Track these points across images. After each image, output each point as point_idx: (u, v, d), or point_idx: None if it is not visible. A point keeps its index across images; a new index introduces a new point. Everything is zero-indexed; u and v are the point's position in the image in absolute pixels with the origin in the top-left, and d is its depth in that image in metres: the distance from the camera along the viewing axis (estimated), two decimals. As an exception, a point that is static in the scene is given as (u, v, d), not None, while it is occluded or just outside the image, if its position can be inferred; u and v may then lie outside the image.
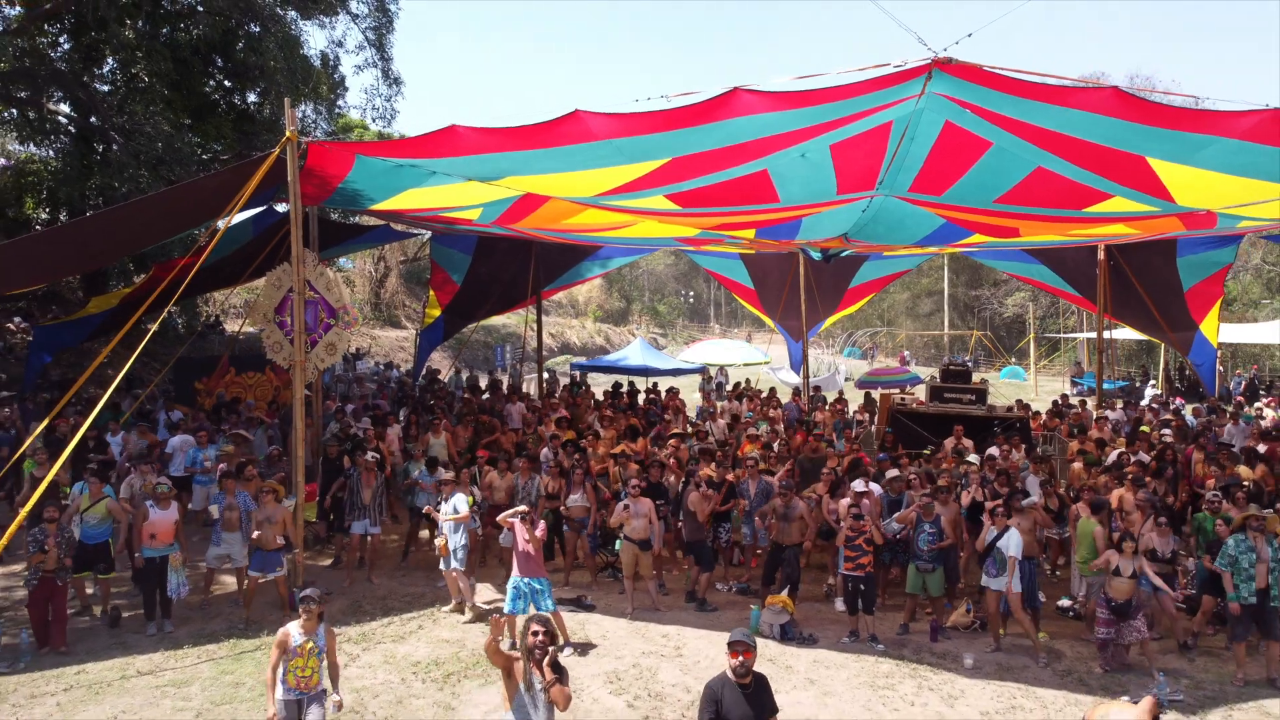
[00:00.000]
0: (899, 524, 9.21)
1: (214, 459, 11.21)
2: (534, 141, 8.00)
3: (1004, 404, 16.79)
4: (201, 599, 9.28)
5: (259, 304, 9.79)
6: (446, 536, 9.08)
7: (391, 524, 11.73)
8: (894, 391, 18.72)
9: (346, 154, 9.48)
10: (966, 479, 10.43)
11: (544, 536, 8.30)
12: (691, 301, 67.16)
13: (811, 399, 17.84)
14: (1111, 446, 12.45)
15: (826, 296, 19.41)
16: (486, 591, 9.79)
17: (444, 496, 9.38)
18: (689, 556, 10.07)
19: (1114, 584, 7.76)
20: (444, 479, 9.63)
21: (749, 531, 10.37)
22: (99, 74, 18.34)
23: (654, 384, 20.80)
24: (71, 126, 18.34)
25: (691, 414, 17.16)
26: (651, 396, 17.55)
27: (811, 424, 14.18)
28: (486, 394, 17.86)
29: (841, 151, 8.28)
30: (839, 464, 11.19)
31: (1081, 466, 11.25)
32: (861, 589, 8.51)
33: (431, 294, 18.22)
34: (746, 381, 19.97)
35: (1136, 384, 27.00)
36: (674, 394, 17.03)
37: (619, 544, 9.39)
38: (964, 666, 7.94)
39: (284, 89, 17.84)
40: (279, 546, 8.79)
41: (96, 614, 8.99)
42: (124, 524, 8.85)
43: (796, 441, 12.74)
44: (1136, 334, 21.26)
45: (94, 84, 17.89)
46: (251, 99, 20.00)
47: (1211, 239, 13.88)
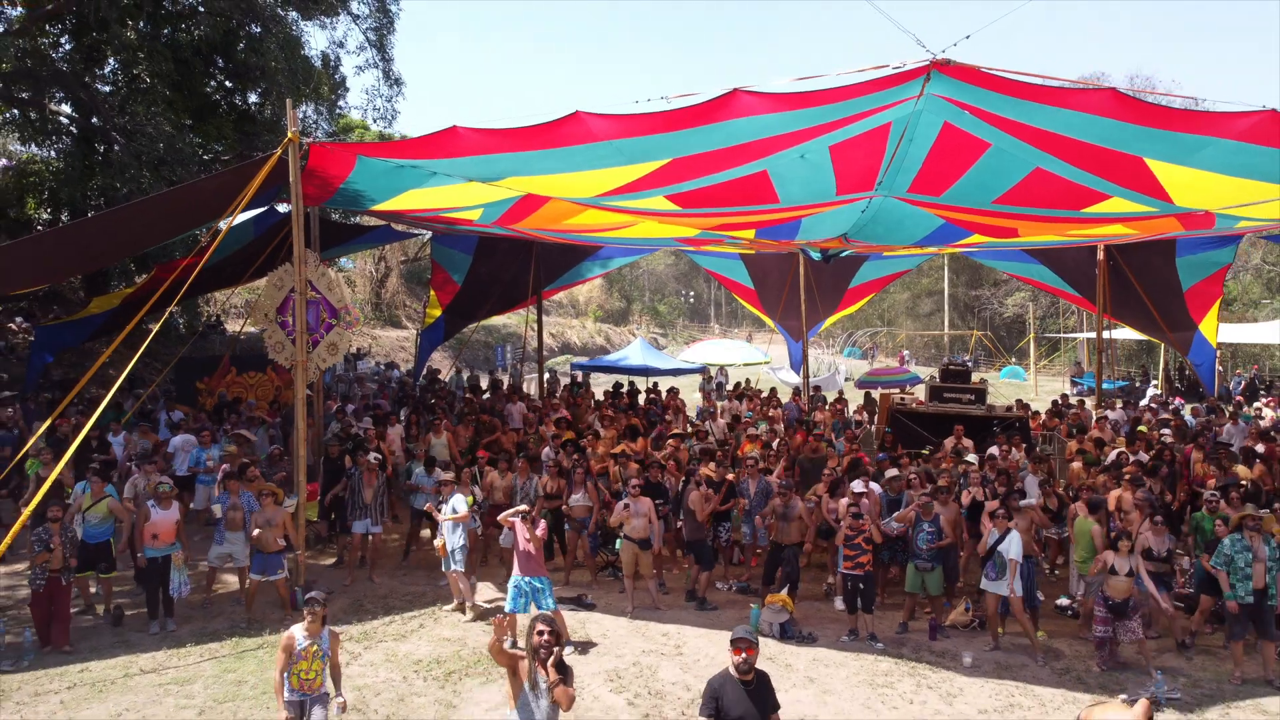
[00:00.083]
0: (898, 523, 9.25)
1: (217, 459, 11.26)
2: (535, 142, 8.02)
3: (1004, 404, 16.82)
4: (203, 598, 9.34)
5: (261, 304, 9.81)
6: (445, 537, 9.14)
7: (392, 524, 11.77)
8: (894, 391, 18.75)
9: (348, 155, 9.51)
10: (965, 478, 10.47)
11: (544, 536, 8.34)
12: (692, 301, 67.18)
13: (811, 399, 17.87)
14: (1111, 446, 12.48)
15: (826, 296, 19.42)
16: (487, 590, 9.83)
17: (443, 497, 9.44)
18: (689, 555, 10.11)
19: (1111, 583, 7.79)
20: (443, 479, 9.68)
21: (749, 531, 10.41)
22: (100, 74, 18.38)
23: (654, 384, 20.83)
24: (73, 127, 18.37)
25: (691, 414, 17.19)
26: (652, 396, 17.59)
27: (811, 424, 14.21)
28: (487, 394, 17.90)
29: (841, 152, 8.30)
30: (839, 464, 11.25)
31: (1081, 466, 11.29)
32: (861, 588, 8.55)
33: (432, 294, 18.26)
34: (746, 381, 19.99)
35: (1136, 384, 26.95)
36: (674, 394, 17.06)
37: (619, 543, 9.44)
38: (962, 665, 7.98)
39: (285, 89, 17.86)
40: (279, 549, 8.84)
41: (99, 613, 9.03)
42: (125, 524, 8.90)
43: (796, 441, 12.78)
44: (1136, 334, 21.26)
45: (95, 84, 17.92)
46: (252, 99, 20.03)
47: (1210, 239, 13.90)
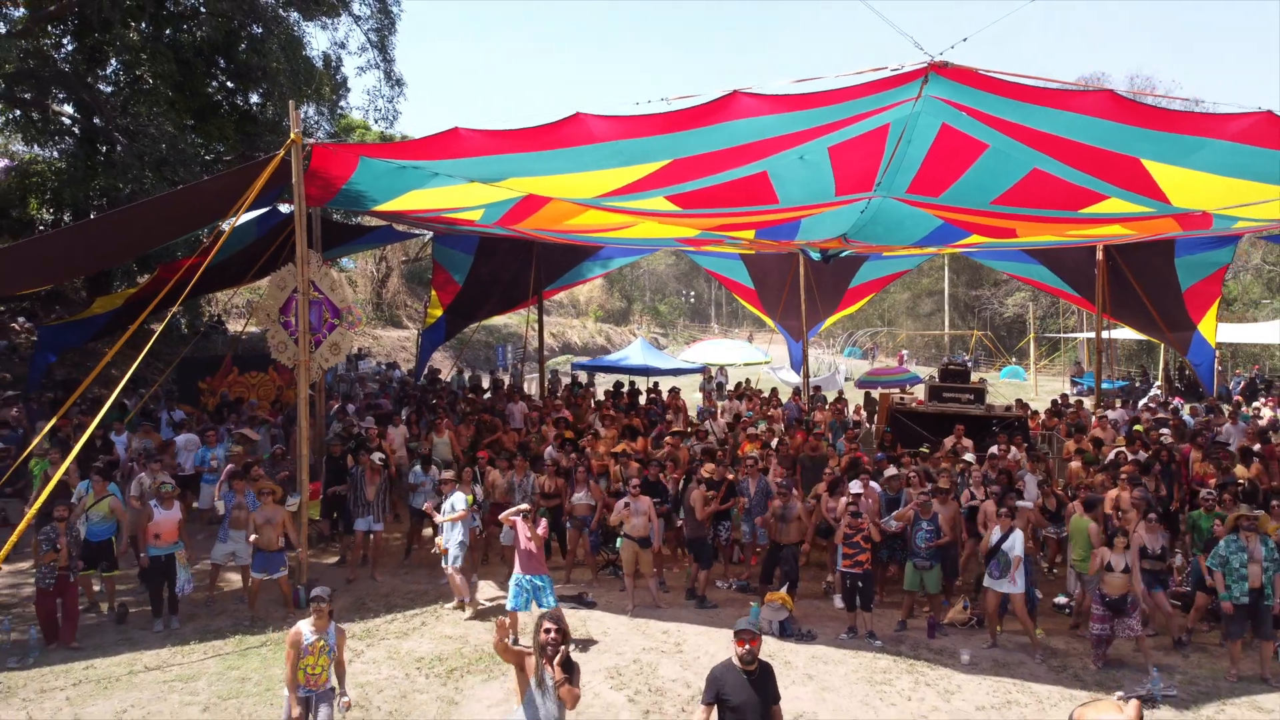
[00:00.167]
0: (897, 521, 9.30)
1: (222, 458, 11.32)
2: (536, 144, 8.07)
3: (1003, 403, 16.87)
4: (207, 596, 9.40)
5: (263, 304, 9.87)
6: (445, 535, 9.19)
7: (394, 522, 11.83)
8: (894, 391, 18.79)
9: (350, 156, 9.56)
10: (964, 478, 10.51)
11: (546, 534, 8.40)
12: (692, 301, 67.16)
13: (811, 399, 17.92)
14: (1110, 446, 12.51)
15: (826, 296, 19.46)
16: (489, 589, 9.89)
17: (443, 495, 9.50)
18: (691, 553, 10.16)
19: (1108, 579, 7.84)
20: (443, 478, 9.73)
21: (749, 529, 10.46)
22: (103, 75, 18.40)
23: (655, 384, 20.87)
24: (75, 128, 18.41)
25: (692, 414, 17.24)
26: (652, 396, 17.63)
27: (811, 424, 14.26)
28: (488, 394, 17.95)
29: (840, 153, 8.35)
30: (838, 463, 11.30)
31: (1079, 465, 11.34)
32: (860, 586, 8.60)
33: (433, 294, 18.31)
34: (747, 381, 20.03)
35: (1136, 384, 26.94)
36: (675, 394, 17.11)
37: (619, 542, 9.49)
38: (960, 662, 8.03)
39: (286, 90, 17.90)
40: (280, 547, 8.90)
41: (104, 611, 9.09)
42: (125, 524, 8.96)
43: (796, 441, 12.83)
44: (1136, 334, 21.29)
45: (98, 85, 17.96)
46: (254, 100, 20.06)
47: (1209, 239, 13.93)
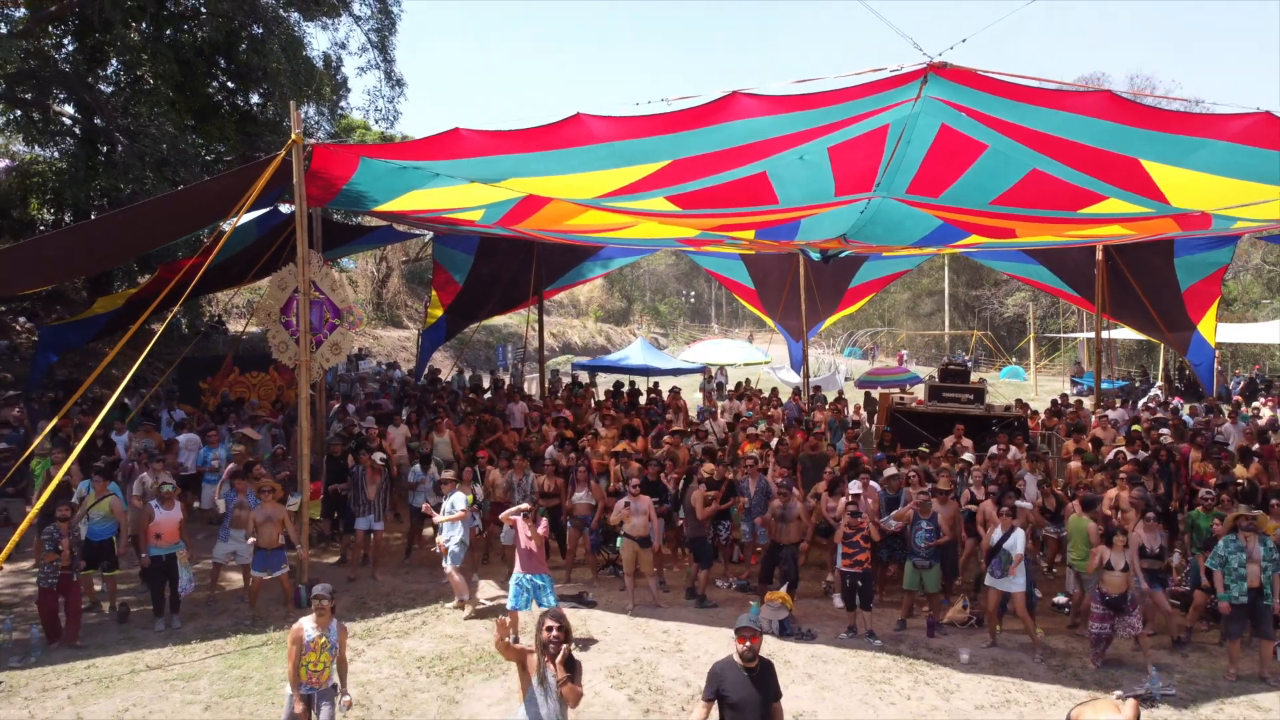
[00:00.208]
0: (896, 521, 9.31)
1: (223, 458, 11.35)
2: (536, 144, 8.09)
3: (1003, 403, 16.88)
4: (208, 595, 9.42)
5: (264, 304, 9.89)
6: (444, 534, 9.22)
7: (394, 522, 11.85)
8: (893, 391, 18.80)
9: (351, 156, 9.57)
10: (963, 477, 10.53)
11: (546, 533, 8.42)
12: (692, 301, 67.18)
13: (811, 399, 17.93)
14: (1110, 446, 12.53)
15: (826, 296, 19.47)
16: (489, 588, 9.91)
17: (443, 495, 9.52)
18: (691, 553, 10.17)
19: (1107, 578, 7.86)
20: (443, 478, 9.76)
21: (749, 529, 10.47)
22: (103, 75, 18.41)
23: (655, 384, 20.89)
24: (76, 128, 18.43)
25: (692, 413, 17.25)
26: (652, 396, 17.65)
27: (811, 423, 14.28)
28: (489, 393, 17.96)
29: (839, 154, 8.37)
30: (838, 463, 11.32)
31: (1079, 465, 11.35)
32: (859, 585, 8.62)
33: (434, 294, 18.32)
34: (747, 381, 20.05)
35: (1136, 384, 26.94)
36: (675, 394, 17.13)
37: (619, 541, 9.51)
38: (960, 661, 8.05)
39: (287, 90, 17.90)
40: (280, 545, 8.92)
41: (105, 610, 9.12)
42: (124, 524, 8.99)
43: (796, 441, 12.85)
44: (1136, 334, 21.30)
45: (98, 85, 17.97)
46: (255, 100, 20.07)
47: (1208, 240, 13.95)
